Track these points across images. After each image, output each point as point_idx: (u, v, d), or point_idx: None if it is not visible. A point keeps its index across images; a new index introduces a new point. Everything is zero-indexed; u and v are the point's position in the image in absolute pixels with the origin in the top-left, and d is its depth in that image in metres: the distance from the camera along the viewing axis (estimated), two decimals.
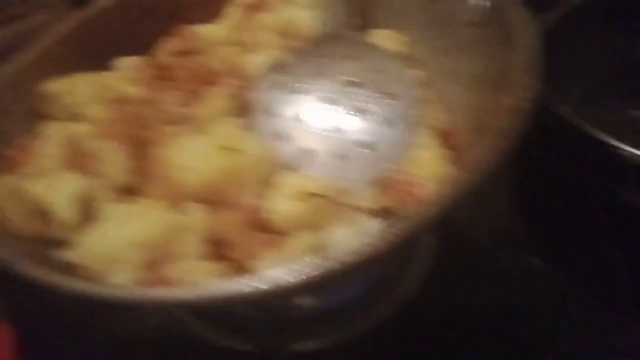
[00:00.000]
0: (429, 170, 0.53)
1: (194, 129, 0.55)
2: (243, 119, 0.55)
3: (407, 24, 0.70)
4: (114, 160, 0.49)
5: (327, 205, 0.50)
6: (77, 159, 0.51)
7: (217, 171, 0.47)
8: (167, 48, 0.66)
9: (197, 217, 0.47)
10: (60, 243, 0.52)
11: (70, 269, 0.48)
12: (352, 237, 0.51)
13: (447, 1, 0.63)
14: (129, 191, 0.51)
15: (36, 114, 0.64)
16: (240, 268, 0.48)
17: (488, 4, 0.59)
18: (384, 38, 0.69)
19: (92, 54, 0.71)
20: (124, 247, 0.46)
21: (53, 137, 0.57)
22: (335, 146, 0.55)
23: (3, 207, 0.50)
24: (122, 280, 0.46)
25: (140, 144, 0.51)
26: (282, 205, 0.48)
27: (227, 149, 0.47)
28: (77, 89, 0.64)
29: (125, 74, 0.66)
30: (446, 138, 0.57)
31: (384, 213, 0.54)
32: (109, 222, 0.48)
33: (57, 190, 0.49)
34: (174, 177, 0.48)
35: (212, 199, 0.49)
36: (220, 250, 0.49)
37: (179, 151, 0.48)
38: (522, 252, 0.70)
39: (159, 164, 0.50)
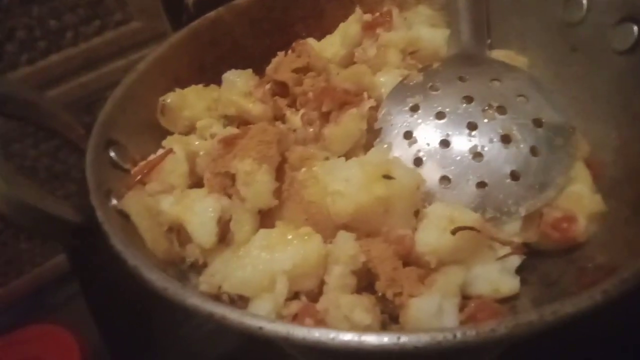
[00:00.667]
0: (581, 206, 0.50)
1: (327, 151, 0.53)
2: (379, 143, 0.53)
3: (531, 46, 0.67)
4: (261, 182, 0.46)
5: (477, 239, 0.47)
6: (215, 178, 0.49)
7: (370, 199, 0.45)
8: (285, 64, 0.64)
9: (348, 247, 0.44)
10: (192, 265, 0.50)
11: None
12: (496, 274, 0.48)
13: (591, 25, 0.59)
14: (266, 215, 0.49)
15: (151, 126, 0.63)
16: (387, 303, 0.45)
17: (637, 31, 0.55)
18: (503, 58, 0.66)
19: (202, 65, 0.70)
20: (271, 276, 0.44)
21: (178, 153, 0.55)
22: (476, 174, 0.52)
23: (137, 225, 0.48)
24: (265, 310, 0.44)
25: (279, 166, 0.49)
26: (434, 238, 0.45)
27: (383, 177, 0.44)
28: (193, 102, 0.63)
29: (240, 89, 0.64)
30: (594, 171, 0.53)
31: (528, 249, 0.51)
32: (253, 247, 0.45)
33: (197, 211, 0.47)
34: (323, 203, 0.45)
35: (362, 228, 0.46)
36: (367, 280, 0.46)
37: (331, 176, 0.46)
38: None
39: (302, 188, 0.47)
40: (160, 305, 0.54)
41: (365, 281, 0.46)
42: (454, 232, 0.45)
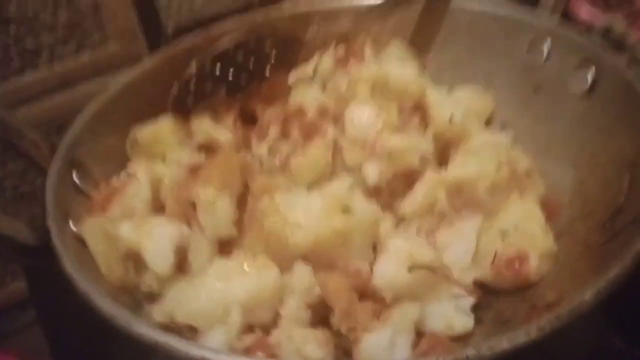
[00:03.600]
0: (534, 245, 0.51)
1: (291, 181, 0.53)
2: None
3: (497, 85, 0.69)
4: (222, 211, 0.46)
5: (433, 277, 0.47)
6: (176, 205, 0.49)
7: (328, 231, 0.45)
8: (256, 94, 0.65)
9: (304, 279, 0.44)
10: (148, 294, 0.50)
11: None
12: (451, 311, 0.49)
13: (552, 68, 0.61)
14: (226, 244, 0.49)
15: (118, 149, 0.63)
16: (342, 337, 0.45)
17: (593, 74, 0.58)
18: (470, 95, 0.68)
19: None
20: (225, 306, 0.43)
21: (141, 179, 0.55)
22: None
23: (92, 251, 0.48)
24: (218, 342, 0.43)
25: (241, 195, 0.49)
26: (391, 272, 0.46)
27: (342, 210, 0.45)
28: (165, 137, 0.62)
29: (210, 118, 0.64)
30: (549, 210, 0.55)
31: (483, 287, 0.52)
32: (209, 277, 0.45)
33: (154, 238, 0.47)
34: (283, 233, 0.46)
35: (320, 260, 0.46)
36: (322, 316, 0.46)
37: (290, 207, 0.46)
38: (601, 333, 0.66)
39: (263, 217, 0.47)
40: (120, 339, 0.53)
41: (320, 315, 0.46)
42: (411, 270, 0.46)
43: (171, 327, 0.44)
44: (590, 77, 0.57)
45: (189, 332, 0.44)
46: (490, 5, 0.68)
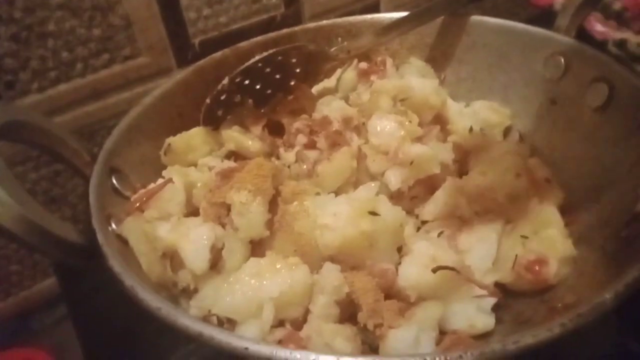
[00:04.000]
0: (553, 250, 0.53)
1: (319, 187, 0.56)
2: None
3: (514, 99, 0.72)
4: (255, 213, 0.49)
5: (456, 278, 0.50)
6: (210, 208, 0.52)
7: (356, 234, 0.48)
8: (282, 105, 0.69)
9: (333, 277, 0.47)
10: (184, 290, 0.52)
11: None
12: (472, 311, 0.51)
13: (568, 82, 0.64)
14: (258, 244, 0.52)
15: (153, 157, 0.66)
16: (368, 333, 0.47)
17: (608, 88, 0.60)
18: (488, 109, 0.71)
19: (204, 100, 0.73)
20: (258, 302, 0.46)
21: (176, 184, 0.58)
22: None
23: (134, 249, 0.51)
24: (251, 335, 0.46)
25: (272, 199, 0.52)
26: (415, 274, 0.48)
27: (369, 213, 0.48)
28: (197, 146, 0.66)
29: (240, 128, 0.68)
30: (567, 216, 0.57)
31: (503, 289, 0.54)
32: (243, 275, 0.48)
33: (191, 238, 0.50)
34: (312, 235, 0.48)
35: (347, 261, 0.49)
36: (349, 312, 0.48)
37: (320, 211, 0.49)
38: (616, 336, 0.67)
39: (293, 220, 0.50)
40: (148, 334, 0.56)
41: (348, 312, 0.49)
42: (434, 271, 0.48)
43: (207, 321, 0.47)
44: (605, 91, 0.59)
45: (226, 324, 0.47)
46: (507, 22, 0.71)
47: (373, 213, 0.48)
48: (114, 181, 0.59)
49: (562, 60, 0.65)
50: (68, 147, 0.58)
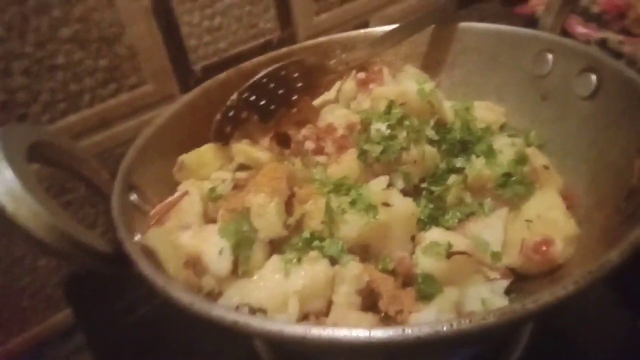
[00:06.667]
0: (558, 230, 0.55)
1: (330, 187, 0.58)
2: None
3: (507, 97, 0.75)
4: (273, 214, 0.52)
5: (469, 263, 0.52)
6: (228, 214, 0.54)
7: (371, 225, 0.50)
8: (286, 118, 0.72)
9: (352, 267, 0.49)
10: (209, 294, 0.54)
11: None
12: (487, 294, 0.53)
13: (557, 76, 0.67)
14: (277, 244, 0.54)
15: (166, 174, 0.69)
16: (390, 322, 0.49)
17: (596, 77, 0.63)
18: (483, 109, 0.74)
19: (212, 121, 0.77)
20: (284, 296, 0.48)
21: (193, 195, 0.61)
22: None
23: (160, 257, 0.53)
24: None
25: (288, 200, 0.55)
26: (430, 260, 0.50)
27: (381, 205, 0.50)
28: (209, 161, 0.69)
29: (249, 141, 0.71)
30: (568, 201, 0.59)
31: (514, 273, 0.56)
32: (267, 272, 0.50)
33: (214, 243, 0.52)
34: (329, 231, 0.51)
35: (364, 251, 0.51)
36: (371, 300, 0.50)
37: (333, 207, 0.51)
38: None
39: (310, 219, 0.53)
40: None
41: (369, 302, 0.51)
42: (449, 256, 0.51)
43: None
44: (593, 80, 0.62)
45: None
46: (494, 25, 0.75)
47: (386, 204, 0.51)
48: (133, 197, 0.61)
49: (550, 56, 0.68)
50: (89, 166, 0.61)
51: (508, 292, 0.54)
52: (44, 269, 0.96)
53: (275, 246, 0.54)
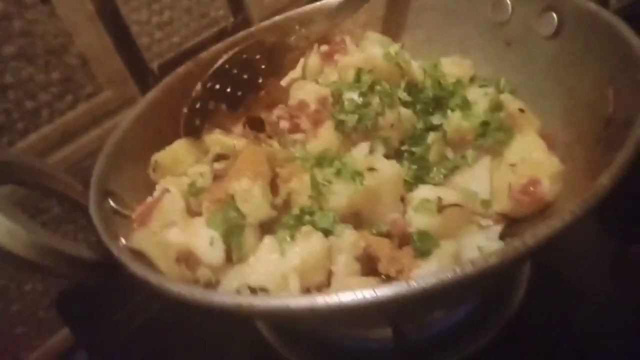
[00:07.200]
0: (542, 169, 0.56)
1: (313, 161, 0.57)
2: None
3: (471, 49, 0.75)
4: (259, 196, 0.50)
5: (461, 214, 0.52)
6: (213, 205, 0.53)
7: (359, 191, 0.49)
8: (256, 102, 0.70)
9: (347, 235, 0.48)
10: (206, 285, 0.53)
11: None
12: (483, 241, 0.53)
13: (518, 20, 0.67)
14: (267, 225, 0.53)
15: (142, 175, 0.67)
16: (391, 280, 0.49)
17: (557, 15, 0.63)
18: (450, 64, 0.74)
19: (179, 115, 0.74)
20: (283, 274, 0.47)
21: (174, 192, 0.59)
22: None
23: (150, 256, 0.51)
24: None
25: (272, 181, 0.53)
26: (423, 217, 0.50)
27: (367, 170, 0.50)
28: (183, 157, 0.67)
29: (222, 130, 0.69)
30: (548, 140, 0.60)
31: (506, 219, 0.56)
32: (262, 252, 0.49)
33: (203, 235, 0.51)
34: (318, 204, 0.50)
35: (356, 219, 0.50)
36: (370, 266, 0.50)
37: (321, 176, 0.50)
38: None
39: (297, 196, 0.52)
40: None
41: (368, 267, 0.50)
42: (440, 210, 0.50)
43: None
44: (554, 19, 0.63)
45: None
46: None
47: (371, 169, 0.50)
48: (111, 203, 0.59)
49: (507, 1, 0.68)
50: (60, 181, 0.58)
51: (503, 237, 0.54)
52: (32, 293, 0.92)
53: (266, 228, 0.53)
